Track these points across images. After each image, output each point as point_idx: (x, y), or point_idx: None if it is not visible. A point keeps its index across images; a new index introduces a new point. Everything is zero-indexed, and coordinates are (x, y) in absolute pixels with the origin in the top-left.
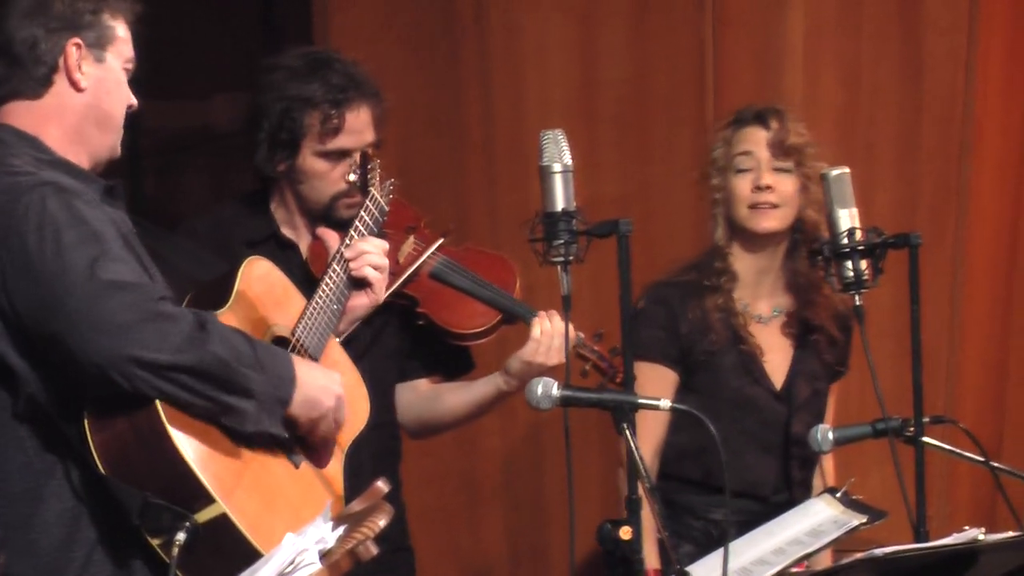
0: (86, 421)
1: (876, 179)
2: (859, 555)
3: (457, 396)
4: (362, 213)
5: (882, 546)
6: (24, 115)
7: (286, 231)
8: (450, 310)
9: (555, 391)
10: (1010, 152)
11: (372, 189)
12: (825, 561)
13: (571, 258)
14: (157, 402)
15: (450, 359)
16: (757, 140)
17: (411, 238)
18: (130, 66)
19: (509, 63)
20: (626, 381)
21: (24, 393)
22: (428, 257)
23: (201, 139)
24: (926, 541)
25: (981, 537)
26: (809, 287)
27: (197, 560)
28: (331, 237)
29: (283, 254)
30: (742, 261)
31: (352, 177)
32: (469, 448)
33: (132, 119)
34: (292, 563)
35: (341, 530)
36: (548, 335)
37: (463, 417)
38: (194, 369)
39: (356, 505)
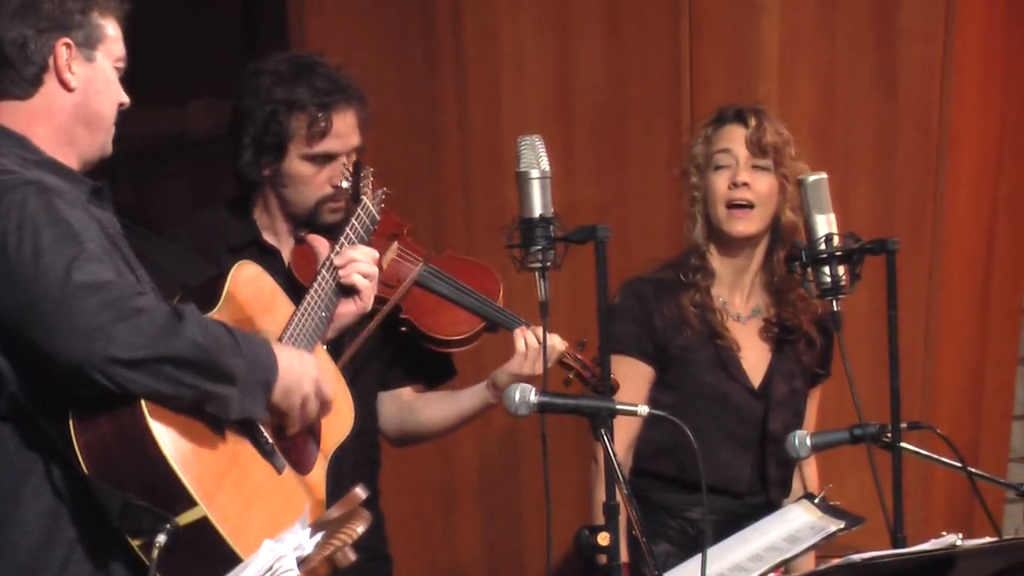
0: (71, 421)
1: (852, 186)
2: (836, 561)
3: (441, 407)
4: (353, 221)
5: (860, 551)
6: (13, 115)
7: (268, 237)
8: (433, 317)
9: (532, 397)
10: (986, 159)
11: (364, 197)
12: (808, 565)
13: (549, 264)
14: (142, 402)
15: (432, 367)
16: (735, 138)
17: (394, 244)
18: (121, 64)
19: (485, 69)
20: (604, 387)
21: (6, 392)
22: (407, 261)
23: (178, 145)
24: (903, 547)
25: (958, 543)
26: (787, 289)
27: (177, 562)
28: (321, 244)
29: (265, 260)
30: (720, 260)
31: (344, 184)
32: (446, 456)
33: None
34: (270, 569)
35: (319, 536)
36: (533, 349)
37: (447, 428)
38: (173, 359)
39: (334, 512)
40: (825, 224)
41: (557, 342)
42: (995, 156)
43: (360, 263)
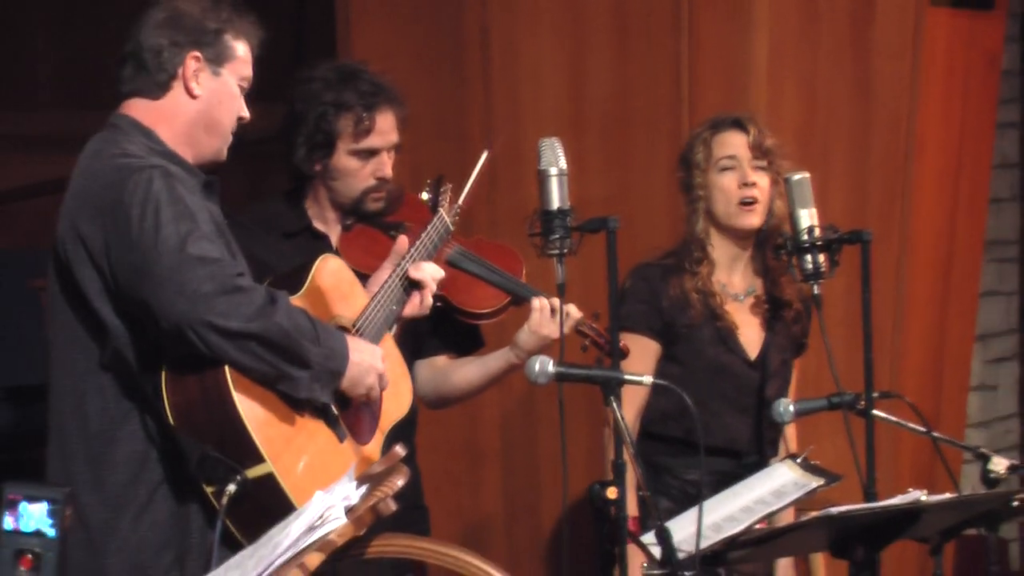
0: (163, 377)
1: (831, 183)
2: (816, 513)
3: (470, 370)
4: (429, 229)
5: (837, 505)
6: (143, 111)
7: (318, 224)
8: (465, 293)
9: (551, 367)
10: (947, 161)
11: (441, 209)
12: (788, 518)
13: (566, 251)
14: (225, 367)
15: (463, 338)
16: (738, 143)
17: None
18: (245, 84)
19: (508, 80)
20: (613, 360)
21: (111, 347)
22: (446, 246)
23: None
24: (875, 501)
25: (923, 498)
26: (776, 271)
27: (243, 512)
28: (401, 244)
29: (316, 244)
30: (719, 249)
31: (425, 196)
32: (471, 419)
33: None
34: (321, 517)
35: (364, 489)
36: (547, 307)
37: (476, 388)
38: (260, 337)
39: (377, 467)
40: (808, 217)
41: (573, 311)
42: (956, 158)
43: (427, 271)
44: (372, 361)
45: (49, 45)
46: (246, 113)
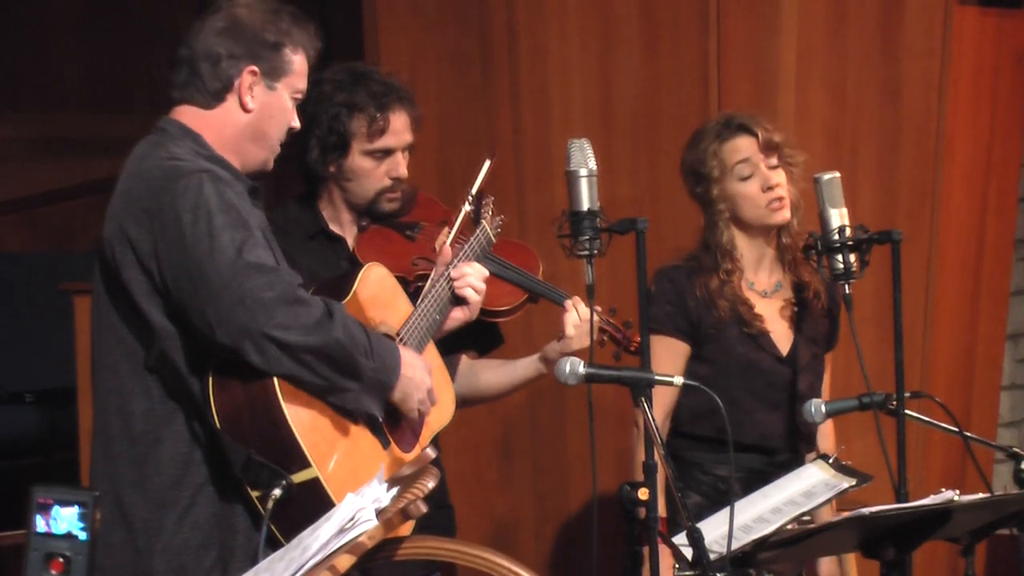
0: (210, 379)
1: (860, 184)
2: (847, 514)
3: (498, 373)
4: (471, 240)
5: (867, 506)
6: (192, 118)
7: (333, 227)
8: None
9: (580, 369)
10: (977, 160)
11: (483, 221)
12: (825, 516)
13: (595, 252)
14: (274, 375)
15: (483, 336)
16: (749, 146)
17: (446, 229)
18: (299, 96)
19: (536, 81)
20: (643, 360)
21: (157, 348)
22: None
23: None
24: (906, 501)
25: (955, 498)
26: (797, 261)
27: (287, 516)
28: (446, 254)
29: (332, 246)
30: (746, 250)
31: (467, 208)
32: (500, 418)
33: None
34: (352, 519)
35: (394, 491)
36: (580, 326)
37: (502, 392)
38: (319, 351)
39: (407, 469)
40: (838, 217)
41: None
42: (985, 158)
43: (471, 277)
44: (423, 376)
45: (76, 49)
46: (296, 123)
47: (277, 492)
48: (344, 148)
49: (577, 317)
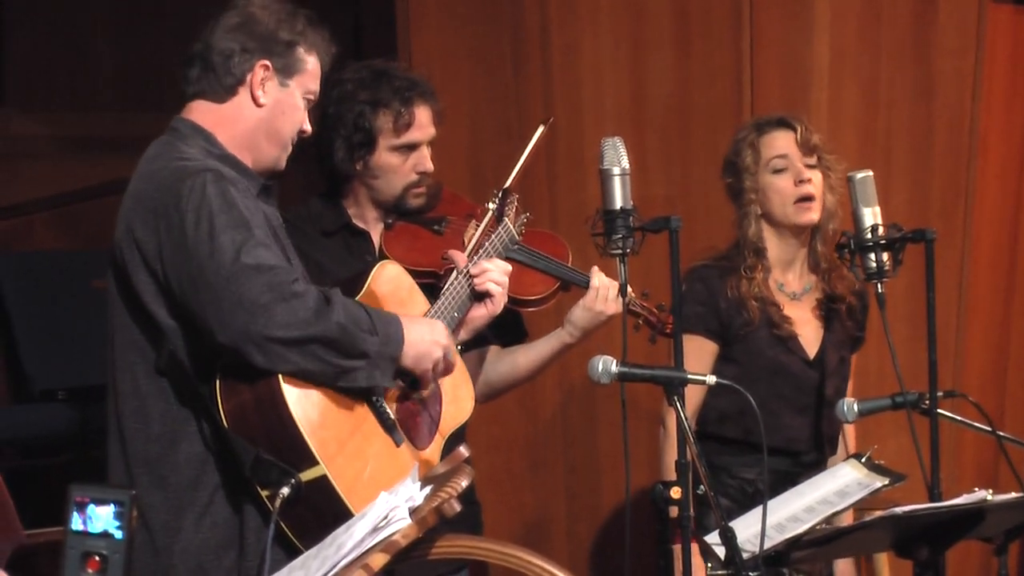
0: (217, 380)
1: (893, 182)
2: (880, 513)
3: (520, 356)
4: (492, 237)
5: (899, 505)
6: (205, 114)
7: (357, 222)
8: (515, 280)
9: (614, 367)
10: (1011, 159)
11: (506, 219)
12: (846, 520)
13: (628, 251)
14: (279, 373)
15: (507, 329)
16: (787, 142)
17: (472, 222)
18: (311, 97)
19: (568, 79)
20: (676, 360)
21: (166, 349)
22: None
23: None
24: (940, 501)
25: (989, 498)
26: (830, 267)
27: (297, 514)
28: (459, 257)
29: (355, 240)
30: (775, 250)
31: (491, 206)
32: (531, 417)
33: None
34: (385, 518)
35: (428, 489)
36: (604, 286)
37: (528, 373)
38: (321, 338)
39: (440, 468)
40: (871, 216)
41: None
42: (1020, 156)
43: (492, 272)
44: (433, 336)
45: (109, 47)
46: (308, 127)
47: (285, 491)
48: (371, 145)
49: (604, 279)
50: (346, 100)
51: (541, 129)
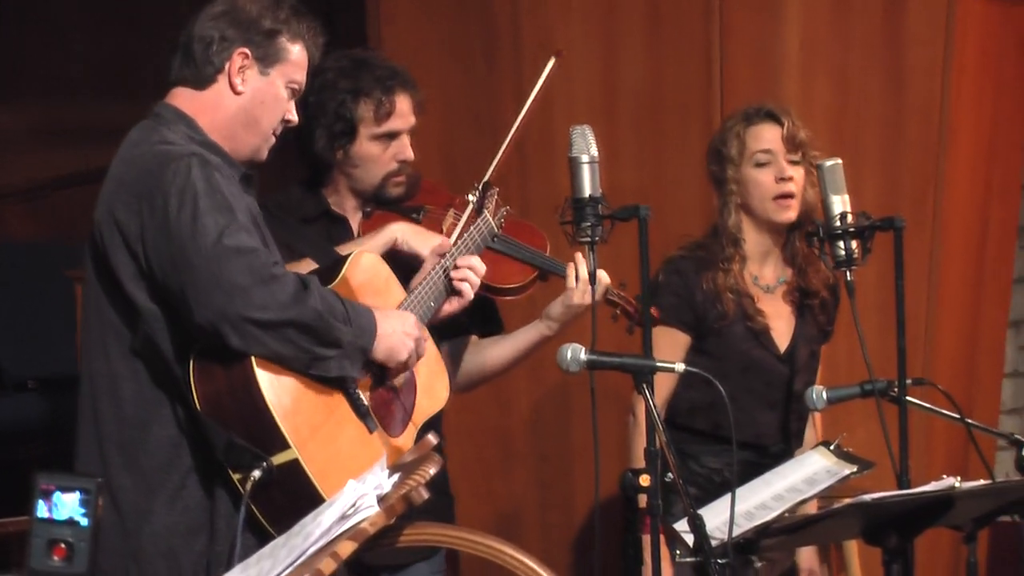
0: (192, 365)
1: (863, 171)
2: (849, 501)
3: (500, 346)
4: (472, 230)
5: (869, 493)
6: (187, 100)
7: (337, 211)
8: (493, 269)
9: (582, 355)
10: (980, 148)
11: (486, 211)
12: (811, 509)
13: (597, 239)
14: (252, 357)
15: (484, 321)
16: (773, 137)
17: (451, 211)
18: (295, 87)
19: (539, 68)
20: (645, 347)
21: (142, 332)
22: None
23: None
24: (908, 488)
25: (957, 485)
26: (806, 262)
27: (269, 497)
28: (443, 244)
29: (335, 226)
30: (752, 242)
31: (471, 198)
32: (503, 407)
33: None
34: (353, 506)
35: (396, 477)
36: (583, 281)
37: (506, 364)
38: (297, 323)
39: (409, 456)
40: (840, 204)
41: (604, 277)
42: (989, 145)
43: (469, 272)
44: (405, 328)
45: (82, 37)
46: (294, 117)
47: (257, 474)
48: (351, 134)
49: (583, 271)
50: (327, 89)
51: (552, 61)
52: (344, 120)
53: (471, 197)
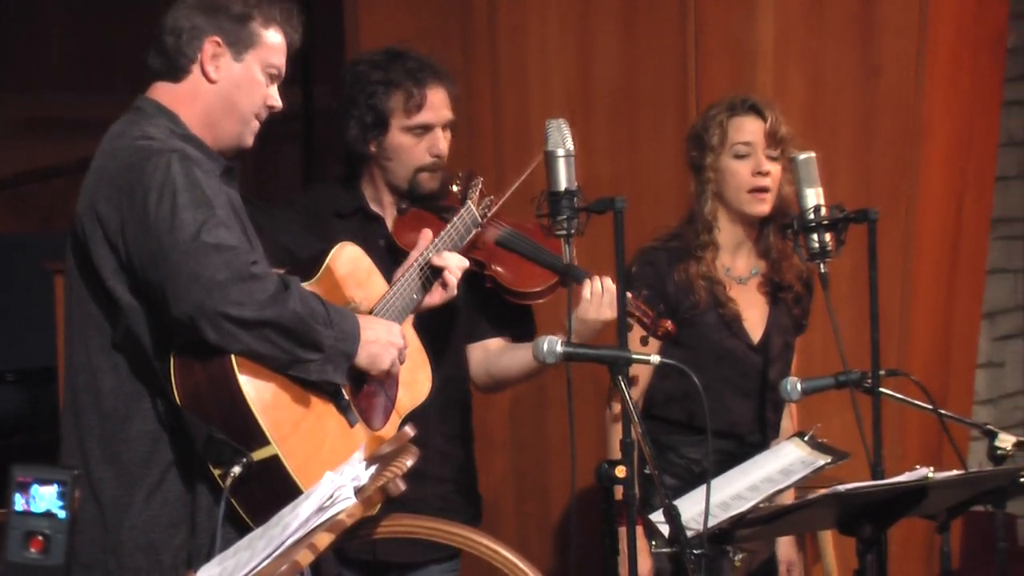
0: (172, 357)
1: (838, 163)
2: (824, 491)
3: (519, 353)
4: (455, 219)
5: (844, 483)
6: (166, 94)
7: (373, 207)
8: (514, 273)
9: (559, 348)
10: (954, 139)
11: (470, 201)
12: (786, 499)
13: (573, 231)
14: (232, 354)
15: (515, 322)
16: (754, 130)
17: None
18: (273, 71)
19: (515, 61)
20: (620, 340)
21: (122, 325)
22: (493, 226)
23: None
24: (882, 479)
25: (930, 475)
26: (780, 255)
27: (249, 492)
28: (425, 237)
29: (369, 225)
30: (726, 232)
31: (455, 188)
32: (480, 399)
33: None
34: (331, 497)
35: (373, 469)
36: (597, 295)
37: (525, 372)
38: (274, 323)
39: (386, 447)
40: (814, 196)
41: (612, 286)
42: (963, 137)
43: (452, 265)
44: (388, 337)
45: (60, 30)
46: (277, 102)
47: (237, 469)
48: (383, 126)
49: (598, 285)
50: (360, 82)
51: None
52: (375, 111)
53: (455, 187)
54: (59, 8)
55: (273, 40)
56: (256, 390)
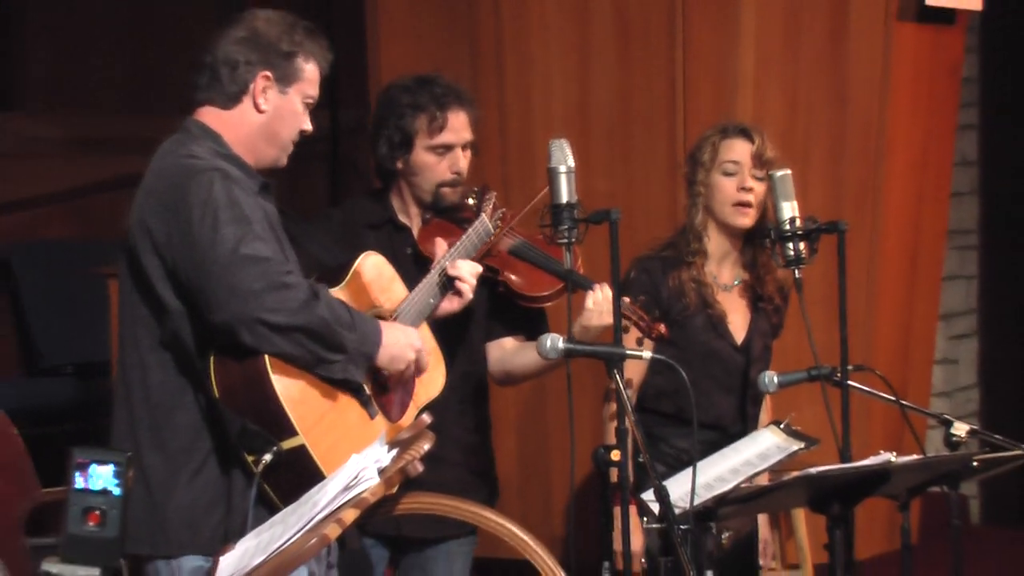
0: (212, 357)
1: (811, 179)
2: (796, 473)
3: (525, 355)
4: (470, 231)
5: (815, 467)
6: (213, 118)
7: (401, 218)
8: (524, 279)
9: (560, 344)
10: (914, 159)
11: (483, 214)
12: (763, 480)
13: (573, 240)
14: (265, 355)
15: (528, 322)
16: (743, 151)
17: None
18: (310, 101)
19: (520, 86)
20: (616, 337)
21: (170, 326)
22: (507, 236)
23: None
24: (850, 463)
25: (892, 459)
26: (762, 268)
27: (278, 478)
28: (440, 247)
29: (398, 235)
30: (714, 242)
31: (471, 201)
32: (491, 392)
33: None
34: (356, 477)
35: (394, 452)
36: (599, 303)
37: (535, 370)
38: (305, 328)
39: (405, 433)
40: (790, 209)
41: (609, 291)
42: (921, 157)
43: (464, 272)
44: (407, 340)
45: (115, 56)
46: (309, 127)
47: (267, 457)
48: (408, 145)
49: (600, 295)
50: (390, 104)
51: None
52: (402, 132)
53: (470, 200)
54: (115, 37)
55: (312, 74)
56: (286, 387)
